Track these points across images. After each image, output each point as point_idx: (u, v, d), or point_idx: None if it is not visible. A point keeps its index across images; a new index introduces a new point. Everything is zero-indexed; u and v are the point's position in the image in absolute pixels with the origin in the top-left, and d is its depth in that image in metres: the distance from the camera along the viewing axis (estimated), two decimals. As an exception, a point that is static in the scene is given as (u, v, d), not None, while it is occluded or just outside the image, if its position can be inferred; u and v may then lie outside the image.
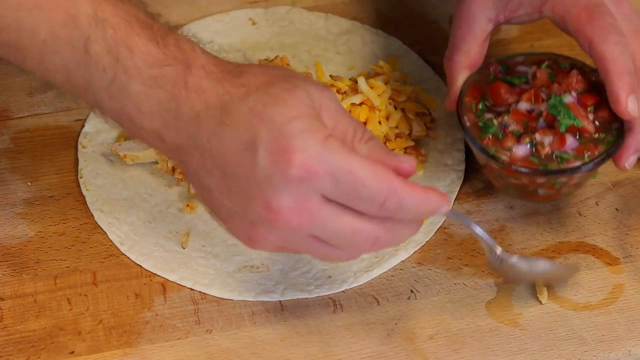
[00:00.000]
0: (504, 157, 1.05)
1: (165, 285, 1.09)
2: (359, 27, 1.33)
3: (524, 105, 1.07)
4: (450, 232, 1.13)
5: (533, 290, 1.07)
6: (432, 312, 1.06)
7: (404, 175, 0.91)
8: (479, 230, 1.01)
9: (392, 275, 1.09)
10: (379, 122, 1.16)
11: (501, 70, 1.12)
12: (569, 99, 1.05)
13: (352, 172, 0.88)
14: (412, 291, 1.08)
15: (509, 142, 1.05)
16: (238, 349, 1.04)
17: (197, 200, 1.15)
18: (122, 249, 1.12)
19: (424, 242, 1.12)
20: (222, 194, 0.91)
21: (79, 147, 1.21)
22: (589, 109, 1.06)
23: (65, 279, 1.09)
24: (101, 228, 1.14)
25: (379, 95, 1.16)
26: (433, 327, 1.05)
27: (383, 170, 0.89)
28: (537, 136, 1.04)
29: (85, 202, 1.16)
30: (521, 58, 1.12)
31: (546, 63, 1.10)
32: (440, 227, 1.13)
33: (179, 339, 1.05)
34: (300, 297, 1.08)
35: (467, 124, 1.08)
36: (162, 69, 0.91)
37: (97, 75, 0.92)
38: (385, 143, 1.16)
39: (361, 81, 1.16)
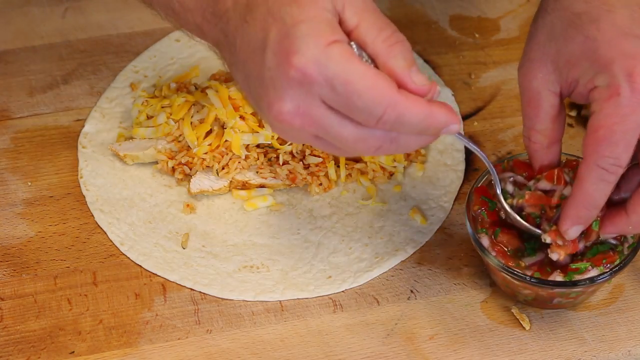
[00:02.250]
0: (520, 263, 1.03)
1: (165, 285, 1.09)
2: (359, 27, 1.33)
3: (543, 184, 1.03)
4: (450, 232, 1.13)
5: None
6: (432, 312, 1.06)
7: (417, 94, 0.88)
8: (487, 162, 1.00)
9: (392, 275, 1.09)
10: (379, 122, 1.16)
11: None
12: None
13: (349, 82, 0.86)
14: (412, 291, 1.08)
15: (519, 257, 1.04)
16: (238, 349, 1.04)
17: (197, 200, 1.16)
18: (122, 249, 1.12)
19: (424, 242, 1.12)
20: (244, 89, 0.93)
21: (79, 147, 1.21)
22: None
23: (65, 279, 1.09)
24: (101, 228, 1.14)
25: (379, 95, 1.16)
26: (433, 327, 1.05)
27: (384, 83, 0.87)
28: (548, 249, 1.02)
29: (85, 202, 1.16)
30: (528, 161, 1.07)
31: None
32: (440, 227, 1.13)
33: (179, 339, 1.05)
34: (300, 297, 1.08)
35: (484, 242, 1.04)
36: None
37: None
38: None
39: (361, 81, 1.16)
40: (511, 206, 1.02)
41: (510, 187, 1.04)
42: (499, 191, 1.02)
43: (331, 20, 0.88)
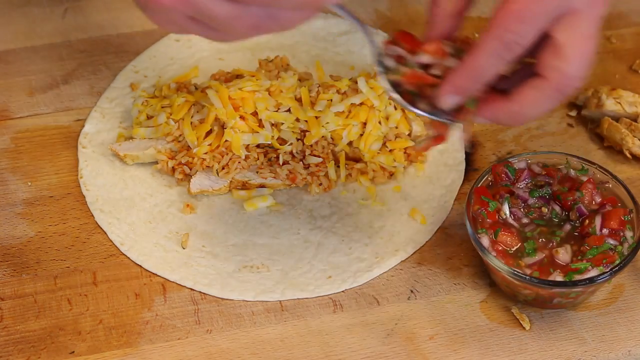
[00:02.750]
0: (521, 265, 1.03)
1: (165, 285, 1.09)
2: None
3: (425, 58, 0.98)
4: (450, 232, 1.13)
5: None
6: (432, 312, 1.06)
7: None
8: (361, 26, 0.97)
9: (392, 275, 1.09)
10: (379, 122, 1.16)
11: (506, 172, 1.09)
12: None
13: None
14: (412, 291, 1.08)
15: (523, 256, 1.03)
16: (238, 349, 1.04)
17: (197, 200, 1.16)
18: (122, 249, 1.12)
19: (423, 242, 1.12)
20: None
21: (79, 147, 1.21)
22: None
23: (65, 279, 1.09)
24: (101, 228, 1.14)
25: (378, 95, 1.16)
26: (433, 327, 1.05)
27: None
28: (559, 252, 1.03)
29: (85, 202, 1.16)
30: (528, 161, 1.09)
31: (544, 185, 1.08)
32: (440, 227, 1.13)
33: (179, 339, 1.05)
34: (300, 297, 1.08)
35: (484, 242, 1.04)
36: None
37: None
38: (385, 143, 1.16)
39: (361, 81, 1.16)
40: (390, 82, 0.98)
41: (391, 63, 0.99)
42: (376, 65, 0.98)
43: None
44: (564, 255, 1.03)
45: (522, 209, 1.07)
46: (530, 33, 0.91)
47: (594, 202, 1.06)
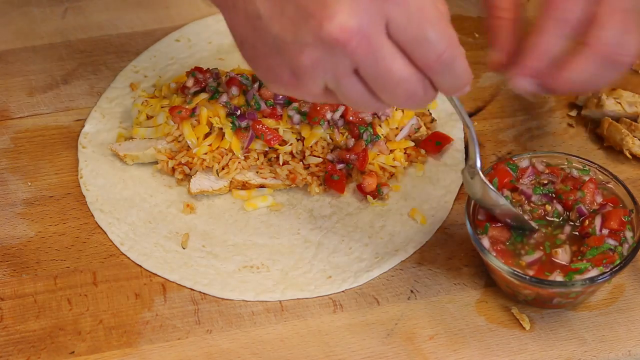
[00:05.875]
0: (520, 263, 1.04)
1: (165, 285, 1.09)
2: (359, 27, 1.33)
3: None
4: (450, 232, 1.13)
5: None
6: (432, 312, 1.06)
7: None
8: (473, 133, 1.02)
9: (392, 275, 1.09)
10: (379, 125, 1.16)
11: (509, 170, 1.09)
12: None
13: (424, 9, 0.86)
14: (412, 291, 1.08)
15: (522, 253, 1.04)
16: (238, 349, 1.04)
17: (197, 200, 1.16)
18: (122, 249, 1.12)
19: (424, 242, 1.12)
20: (271, 19, 0.88)
21: (79, 147, 1.21)
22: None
23: (65, 279, 1.09)
24: (101, 228, 1.14)
25: (379, 95, 1.16)
26: (433, 327, 1.05)
27: (448, 23, 0.87)
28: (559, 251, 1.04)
29: (85, 202, 1.16)
30: (532, 160, 1.09)
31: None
32: (440, 227, 1.13)
33: (179, 339, 1.05)
34: (300, 297, 1.08)
35: (484, 242, 1.04)
36: None
37: None
38: (385, 143, 1.16)
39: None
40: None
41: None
42: (479, 168, 1.03)
43: None
44: (562, 255, 1.03)
45: (525, 206, 1.07)
46: (577, 7, 0.99)
47: (595, 203, 1.06)
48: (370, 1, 0.84)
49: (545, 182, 1.08)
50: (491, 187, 1.03)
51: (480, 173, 1.03)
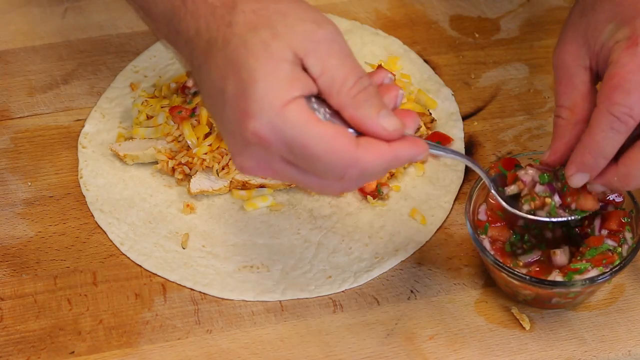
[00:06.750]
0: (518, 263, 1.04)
1: (165, 285, 1.09)
2: (358, 27, 1.33)
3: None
4: (450, 232, 1.13)
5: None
6: (432, 312, 1.06)
7: (389, 140, 0.88)
8: (477, 168, 1.02)
9: (392, 275, 1.09)
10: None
11: (502, 175, 1.07)
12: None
13: (307, 146, 0.85)
14: (412, 291, 1.08)
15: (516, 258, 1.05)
16: (238, 349, 1.04)
17: (197, 200, 1.16)
18: (122, 249, 1.12)
19: (424, 242, 1.12)
20: (210, 113, 0.92)
21: (79, 147, 1.21)
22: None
23: (65, 279, 1.09)
24: (101, 228, 1.14)
25: (379, 95, 1.16)
26: (433, 327, 1.05)
27: (342, 144, 0.85)
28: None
29: (85, 202, 1.16)
30: (532, 160, 1.08)
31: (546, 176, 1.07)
32: (440, 227, 1.13)
33: (179, 339, 1.05)
34: (300, 297, 1.08)
35: (484, 242, 1.04)
36: None
37: None
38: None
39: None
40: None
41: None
42: (496, 194, 1.03)
43: (289, 72, 0.85)
44: (561, 257, 1.03)
45: (524, 191, 1.06)
46: (637, 102, 0.93)
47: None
48: (257, 146, 0.87)
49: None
50: (509, 208, 1.03)
51: (498, 197, 1.03)
